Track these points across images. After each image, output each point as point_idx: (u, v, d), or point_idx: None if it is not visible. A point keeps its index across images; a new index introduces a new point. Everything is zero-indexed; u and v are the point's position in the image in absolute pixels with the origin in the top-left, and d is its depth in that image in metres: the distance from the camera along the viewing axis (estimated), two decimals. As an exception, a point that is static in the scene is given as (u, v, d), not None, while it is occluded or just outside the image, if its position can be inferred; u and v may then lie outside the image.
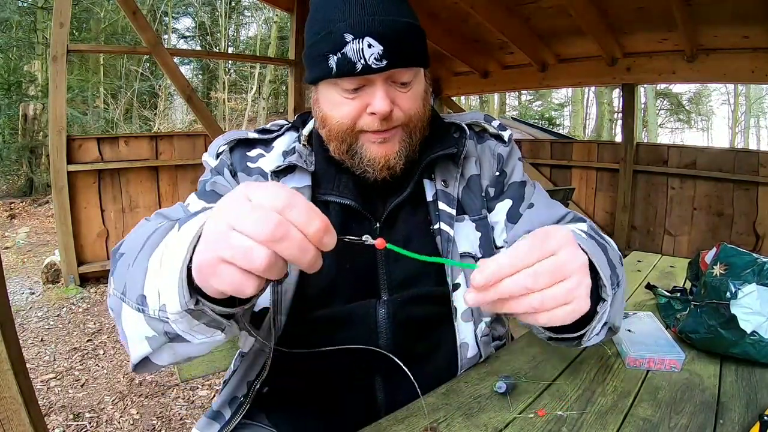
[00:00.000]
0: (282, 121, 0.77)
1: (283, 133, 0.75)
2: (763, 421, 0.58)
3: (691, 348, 0.81)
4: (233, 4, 11.36)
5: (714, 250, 0.88)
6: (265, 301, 0.67)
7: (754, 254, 0.80)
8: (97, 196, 3.50)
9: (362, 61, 0.58)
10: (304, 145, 0.72)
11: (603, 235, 0.64)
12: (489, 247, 0.74)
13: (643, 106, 11.81)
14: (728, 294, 0.76)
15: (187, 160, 3.84)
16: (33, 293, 3.30)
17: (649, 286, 1.13)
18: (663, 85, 11.86)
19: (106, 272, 3.52)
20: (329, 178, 0.69)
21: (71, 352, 2.45)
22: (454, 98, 5.85)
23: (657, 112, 13.38)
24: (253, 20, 12.18)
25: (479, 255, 0.72)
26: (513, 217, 0.75)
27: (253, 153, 0.72)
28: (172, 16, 10.75)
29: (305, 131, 0.73)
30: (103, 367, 2.31)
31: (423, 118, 0.67)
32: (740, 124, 13.74)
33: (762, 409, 0.63)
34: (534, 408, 0.64)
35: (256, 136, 0.73)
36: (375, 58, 0.58)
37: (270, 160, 0.71)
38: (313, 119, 0.72)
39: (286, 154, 0.71)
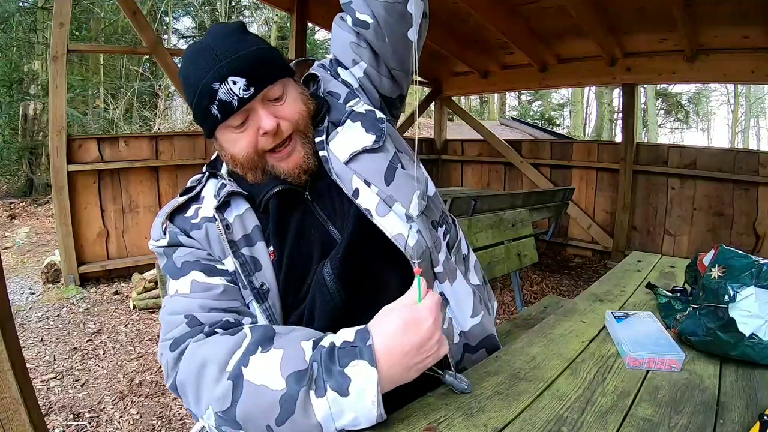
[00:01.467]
0: (197, 176, 0.82)
1: (205, 183, 0.80)
2: (763, 421, 0.58)
3: (691, 348, 0.81)
4: (233, 4, 11.35)
5: (712, 252, 0.88)
6: (262, 320, 0.71)
7: (752, 256, 0.80)
8: (97, 196, 3.50)
9: (235, 97, 0.68)
10: (229, 179, 0.78)
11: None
12: (375, 122, 0.79)
13: (643, 106, 11.80)
14: (727, 297, 0.76)
15: (187, 160, 3.83)
16: (33, 293, 3.29)
17: (649, 286, 1.13)
18: (663, 85, 11.86)
19: (106, 272, 3.52)
20: (256, 187, 0.76)
21: (71, 352, 2.45)
22: (454, 98, 5.85)
23: (657, 112, 13.37)
24: (253, 20, 12.18)
25: (372, 138, 0.76)
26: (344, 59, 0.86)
27: (190, 212, 0.76)
28: (172, 16, 10.74)
29: (224, 171, 0.80)
30: (103, 367, 2.31)
31: (309, 114, 0.76)
32: (740, 124, 13.73)
33: (762, 409, 0.63)
34: (534, 408, 0.64)
35: (183, 199, 0.77)
36: (243, 90, 0.68)
37: (207, 206, 0.76)
38: (223, 163, 0.80)
39: (217, 195, 0.76)
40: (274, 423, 0.57)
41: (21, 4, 7.50)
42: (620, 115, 5.84)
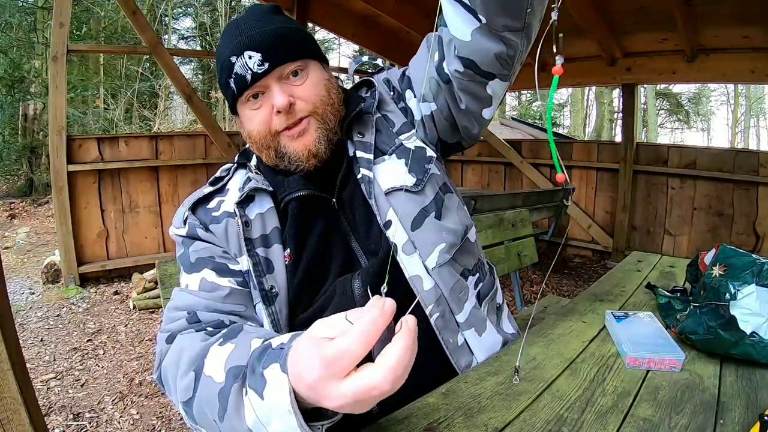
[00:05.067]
0: (228, 165, 0.82)
1: (232, 175, 0.80)
2: (763, 421, 0.58)
3: (691, 348, 0.81)
4: (233, 4, 11.35)
5: (713, 251, 0.88)
6: (266, 324, 0.70)
7: (753, 255, 0.80)
8: (97, 196, 3.50)
9: (249, 71, 0.68)
10: (256, 173, 0.78)
11: None
12: (421, 162, 0.77)
13: (643, 106, 11.80)
14: (728, 295, 0.76)
15: (187, 160, 3.84)
16: (33, 293, 3.29)
17: (649, 286, 1.13)
18: (663, 85, 11.85)
19: (106, 272, 3.52)
20: (281, 185, 0.75)
21: (71, 352, 2.45)
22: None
23: (657, 112, 13.37)
24: (253, 20, 12.17)
25: (412, 180, 0.75)
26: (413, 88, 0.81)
27: (213, 204, 0.76)
28: (172, 17, 10.75)
29: (252, 163, 0.81)
30: (103, 367, 2.31)
31: (331, 102, 0.74)
32: (740, 124, 13.73)
33: (762, 409, 0.63)
34: (534, 408, 0.64)
35: (210, 189, 0.77)
36: (257, 65, 0.68)
37: (230, 200, 0.75)
38: (254, 154, 0.80)
39: (242, 188, 0.75)
40: (217, 417, 0.53)
41: (21, 4, 7.50)
42: (620, 115, 5.84)
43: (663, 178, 4.06)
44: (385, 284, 0.48)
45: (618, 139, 6.70)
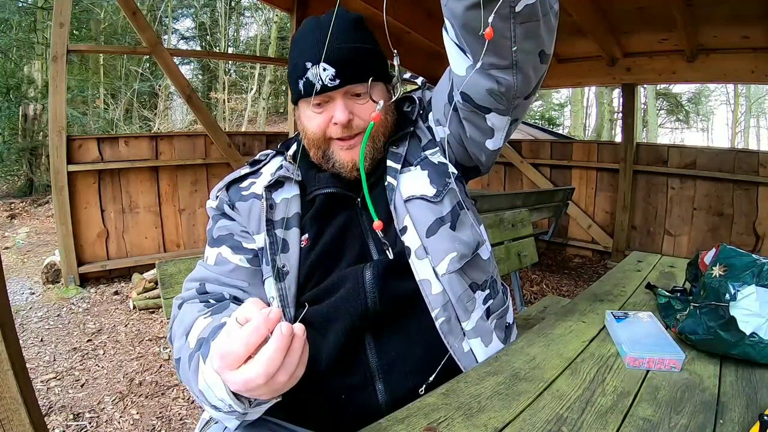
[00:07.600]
0: (269, 151, 0.89)
1: (269, 161, 0.87)
2: (763, 421, 0.58)
3: (691, 348, 0.81)
4: (233, 4, 11.36)
5: (713, 250, 0.88)
6: (275, 298, 0.76)
7: (753, 255, 0.80)
8: (97, 196, 3.50)
9: (320, 82, 0.73)
10: (290, 162, 0.84)
11: None
12: (442, 176, 0.81)
13: (643, 106, 11.79)
14: (727, 296, 0.76)
15: (187, 160, 3.84)
16: (33, 293, 3.29)
17: (649, 286, 1.13)
18: (663, 85, 11.84)
19: (106, 272, 3.52)
20: (312, 179, 0.82)
21: (71, 352, 2.45)
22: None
23: (657, 112, 13.36)
24: (253, 20, 12.19)
25: (433, 190, 0.79)
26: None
27: (245, 184, 0.83)
28: (172, 17, 10.75)
29: (289, 153, 0.86)
30: (103, 367, 2.31)
31: (386, 124, 0.80)
32: (740, 124, 13.72)
33: (762, 409, 0.63)
34: (534, 408, 0.64)
35: (248, 170, 0.85)
36: (329, 79, 0.73)
37: (261, 182, 0.82)
38: (295, 143, 0.87)
39: (273, 174, 0.82)
40: (190, 375, 0.61)
41: (21, 5, 7.50)
42: (620, 115, 5.84)
43: (663, 178, 4.06)
44: (306, 308, 0.64)
45: (618, 139, 6.69)
